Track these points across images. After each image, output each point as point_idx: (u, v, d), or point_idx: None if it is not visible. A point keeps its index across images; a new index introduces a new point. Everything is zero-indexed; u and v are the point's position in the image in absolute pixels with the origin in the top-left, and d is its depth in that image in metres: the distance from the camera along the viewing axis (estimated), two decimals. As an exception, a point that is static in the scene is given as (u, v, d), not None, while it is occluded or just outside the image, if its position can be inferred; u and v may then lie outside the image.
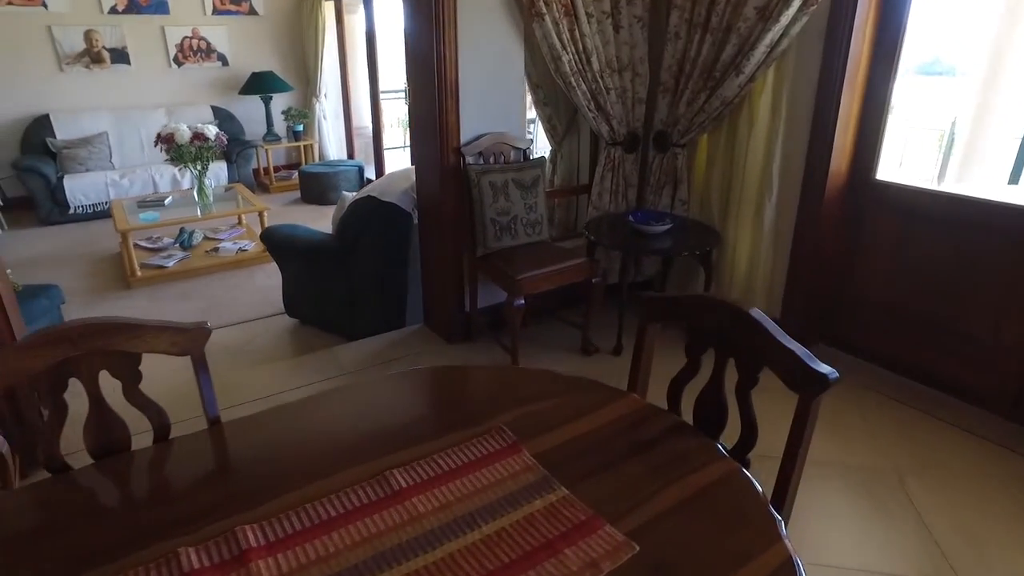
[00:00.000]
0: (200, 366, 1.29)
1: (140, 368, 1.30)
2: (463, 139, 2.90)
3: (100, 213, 5.96)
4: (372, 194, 3.21)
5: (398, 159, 8.41)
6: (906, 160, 4.86)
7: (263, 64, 7.08)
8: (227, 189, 5.60)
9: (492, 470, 1.05)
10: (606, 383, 1.34)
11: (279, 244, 3.56)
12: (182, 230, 4.98)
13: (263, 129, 7.14)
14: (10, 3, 5.92)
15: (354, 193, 3.49)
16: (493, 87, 2.92)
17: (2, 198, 5.99)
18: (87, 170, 6.10)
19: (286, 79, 7.07)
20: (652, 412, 1.24)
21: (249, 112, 7.11)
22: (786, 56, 2.78)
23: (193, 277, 4.58)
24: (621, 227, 3.16)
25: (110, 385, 1.32)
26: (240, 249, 4.88)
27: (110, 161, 6.27)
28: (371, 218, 3.23)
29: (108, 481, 1.18)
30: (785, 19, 2.61)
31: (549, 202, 3.74)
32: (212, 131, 4.59)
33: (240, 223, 5.48)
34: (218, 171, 6.41)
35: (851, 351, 3.09)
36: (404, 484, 1.03)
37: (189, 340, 1.27)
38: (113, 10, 6.33)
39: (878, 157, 2.83)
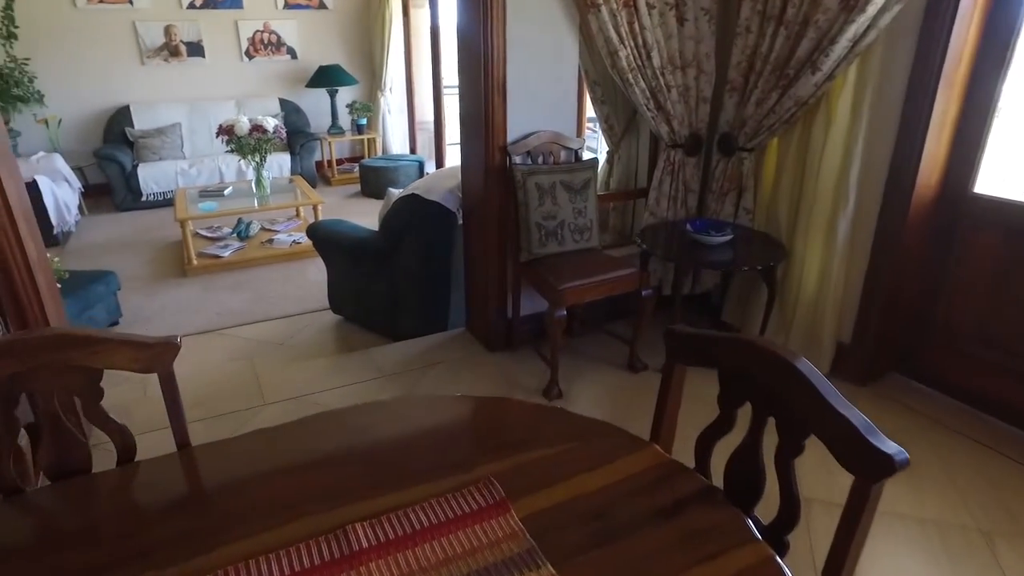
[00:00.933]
0: (168, 384, 1.17)
1: (104, 383, 1.18)
2: (510, 137, 2.74)
3: (170, 200, 6.13)
4: (416, 192, 3.10)
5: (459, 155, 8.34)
6: (1013, 172, 4.36)
7: (330, 58, 7.14)
8: (290, 180, 5.65)
9: (469, 534, 0.89)
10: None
11: (324, 240, 3.50)
12: (239, 220, 5.04)
13: (328, 122, 7.20)
14: (101, 1, 6.18)
15: (400, 190, 3.39)
16: (544, 83, 2.74)
17: (84, 184, 6.27)
18: (160, 159, 6.31)
19: (352, 73, 7.10)
20: (674, 470, 1.05)
21: (315, 105, 7.19)
22: (872, 51, 2.47)
23: (247, 267, 4.62)
24: (678, 236, 2.93)
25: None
26: (294, 242, 4.90)
27: (181, 151, 6.47)
28: (414, 217, 3.12)
29: (61, 505, 1.09)
30: (873, 8, 2.31)
31: (604, 206, 3.54)
32: (271, 123, 4.61)
33: (298, 215, 5.52)
34: (281, 162, 6.50)
35: (932, 383, 2.75)
36: (365, 543, 0.88)
37: (153, 356, 1.15)
38: (191, 5, 6.51)
39: (978, 167, 2.49)
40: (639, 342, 2.90)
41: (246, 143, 4.58)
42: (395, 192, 3.38)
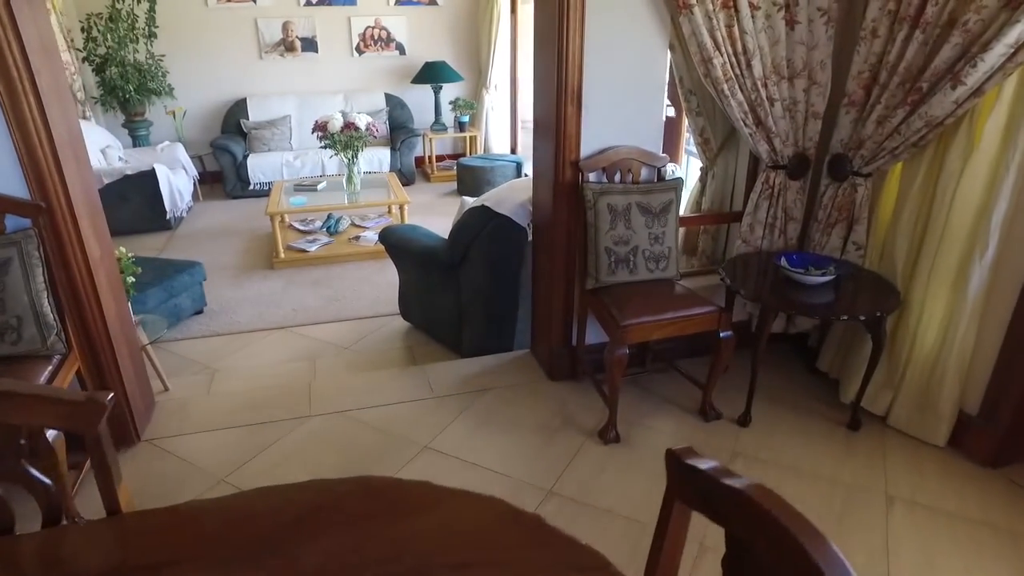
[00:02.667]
0: (94, 447, 1.03)
1: (27, 440, 1.04)
2: (584, 152, 2.49)
3: (289, 182, 6.38)
4: (487, 204, 2.93)
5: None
6: None
7: (437, 54, 7.13)
8: (390, 174, 5.68)
9: None
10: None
11: (395, 246, 3.42)
12: (329, 216, 5.11)
13: (431, 118, 7.21)
14: (229, 1, 6.51)
15: (473, 199, 3.24)
16: (626, 92, 2.47)
17: (202, 171, 6.66)
18: (268, 150, 6.57)
19: (457, 69, 7.06)
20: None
21: (420, 101, 7.22)
22: (1034, 65, 2.00)
23: (331, 263, 4.67)
24: (771, 271, 2.56)
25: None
26: (379, 241, 4.89)
27: (289, 143, 6.71)
28: (483, 230, 2.95)
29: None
30: (1038, 12, 1.85)
31: (693, 229, 3.21)
32: (363, 120, 4.61)
33: (389, 212, 5.54)
34: (381, 157, 6.58)
35: (1086, 477, 2.23)
36: None
37: (77, 415, 1.02)
38: (308, 2, 6.72)
39: None
40: (714, 388, 2.57)
41: (338, 139, 4.60)
42: (468, 201, 3.23)
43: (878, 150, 2.43)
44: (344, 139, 4.60)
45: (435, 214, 5.83)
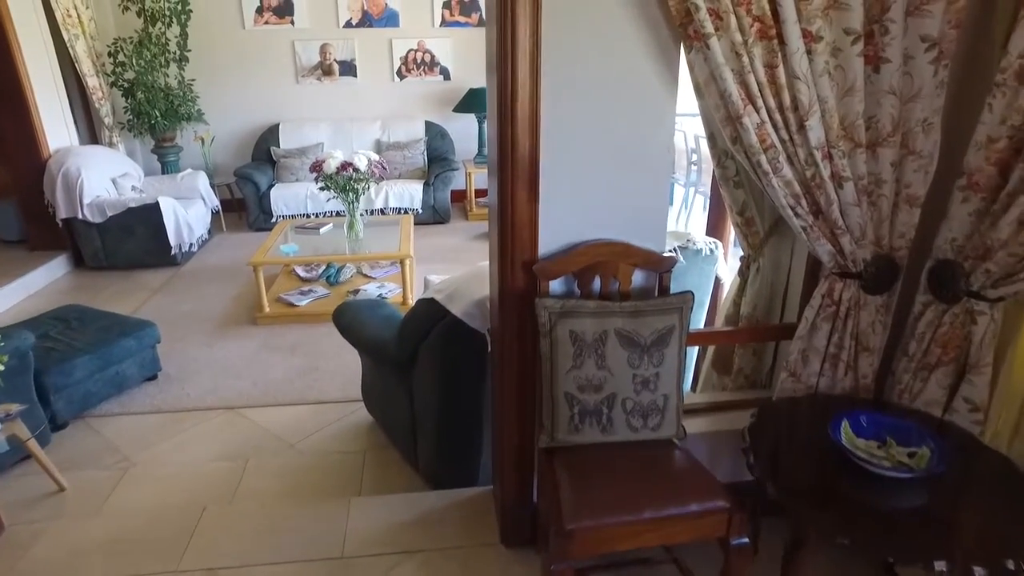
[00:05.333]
0: None
1: None
2: (544, 247, 1.71)
3: (298, 220, 5.91)
4: (437, 297, 2.19)
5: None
6: None
7: (483, 80, 6.47)
8: (405, 216, 5.06)
9: None
10: None
11: (345, 329, 2.73)
12: (330, 263, 4.53)
13: (474, 149, 6.57)
14: (266, 23, 6.16)
15: (436, 276, 2.51)
16: (610, 162, 1.67)
17: (228, 198, 6.31)
18: (296, 180, 6.13)
19: (505, 97, 6.37)
20: None
21: (463, 130, 6.60)
22: None
23: (319, 322, 4.06)
24: (820, 439, 1.67)
25: None
26: (380, 296, 4.26)
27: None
28: (432, 328, 2.22)
29: None
30: None
31: (727, 346, 2.34)
32: (363, 161, 4.00)
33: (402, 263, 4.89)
34: (412, 193, 5.99)
35: None
36: None
37: None
38: (348, 24, 6.27)
39: None
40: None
41: (335, 181, 4.01)
42: (431, 280, 2.51)
43: (1018, 266, 1.51)
44: (342, 181, 4.00)
45: (458, 261, 5.15)
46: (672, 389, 1.70)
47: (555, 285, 1.72)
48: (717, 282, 2.89)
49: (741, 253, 2.28)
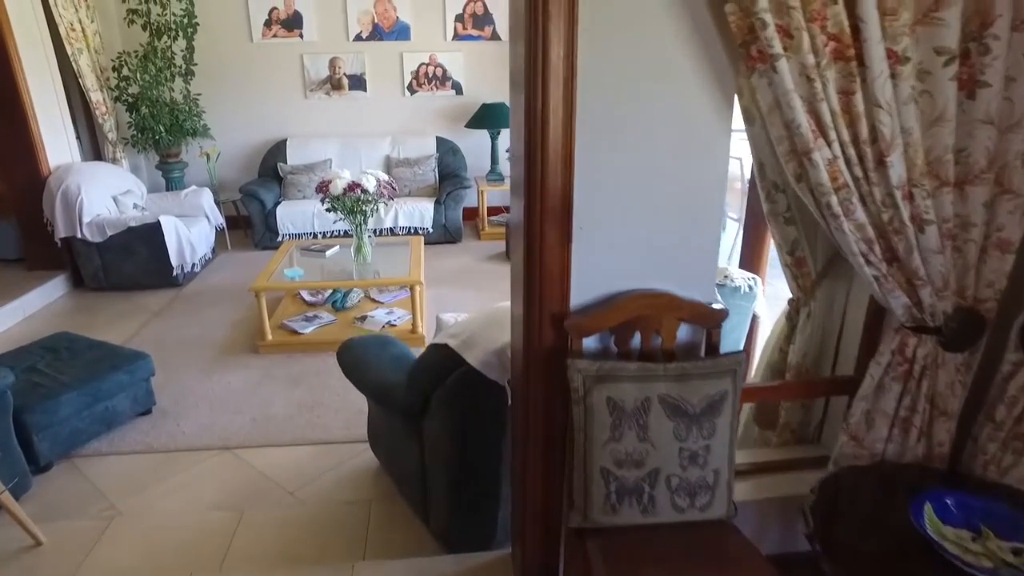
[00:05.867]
0: None
1: None
2: (576, 298, 1.48)
3: (304, 241, 5.73)
4: (451, 343, 1.96)
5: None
6: None
7: (497, 94, 6.30)
8: (416, 238, 4.85)
9: None
10: None
11: (349, 367, 2.52)
12: (336, 288, 4.33)
13: (487, 166, 6.38)
14: (275, 36, 6.02)
15: (450, 315, 2.30)
16: (654, 200, 1.45)
17: (234, 215, 6.14)
18: (303, 197, 5.95)
19: (518, 112, 6.17)
20: None
21: (476, 146, 6.41)
22: None
23: (326, 350, 3.84)
24: (896, 521, 1.43)
25: None
26: (389, 323, 4.04)
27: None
28: (447, 378, 2.00)
29: None
30: None
31: (769, 403, 2.10)
32: (372, 181, 3.80)
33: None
34: (423, 211, 5.79)
35: None
36: None
37: None
38: (358, 37, 6.11)
39: None
40: None
41: (342, 202, 3.82)
42: (443, 319, 2.29)
43: None
44: (349, 202, 3.80)
45: (471, 284, 4.94)
46: (723, 463, 1.47)
47: (589, 340, 1.50)
48: (754, 320, 2.66)
49: (778, 289, 2.05)
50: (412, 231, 5.78)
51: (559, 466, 1.61)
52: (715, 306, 1.52)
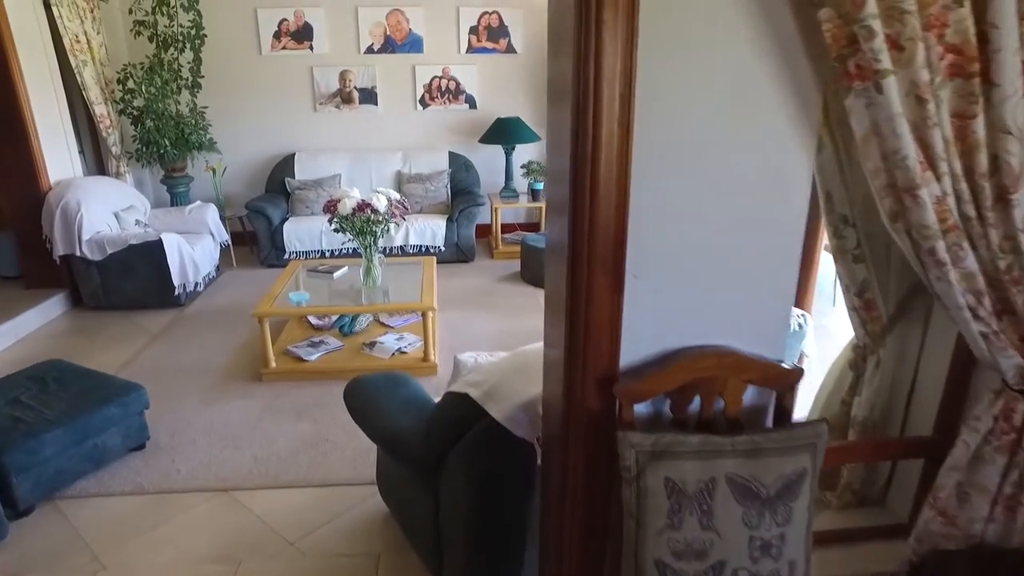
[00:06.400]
0: None
1: None
2: (627, 356, 1.25)
3: (311, 261, 5.53)
4: (472, 393, 1.74)
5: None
6: None
7: (511, 109, 6.12)
8: (428, 259, 4.64)
9: None
10: None
11: (358, 412, 2.29)
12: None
13: (501, 182, 6.18)
14: (284, 48, 5.86)
15: (471, 357, 2.07)
16: (717, 243, 1.22)
17: (240, 231, 5.96)
18: (311, 213, 5.76)
19: (534, 128, 5.99)
20: None
21: (489, 161, 6.22)
22: None
23: (333, 379, 3.62)
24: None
25: None
26: (399, 350, 3.82)
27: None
28: (467, 432, 1.77)
29: None
30: None
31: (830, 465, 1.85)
32: (383, 201, 3.59)
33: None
34: (435, 229, 5.58)
35: None
36: None
37: None
38: (369, 49, 5.94)
39: None
40: None
41: (351, 223, 3.61)
42: (462, 360, 2.07)
43: None
44: (359, 223, 3.59)
45: (484, 309, 4.72)
46: (800, 554, 1.23)
47: (638, 409, 1.27)
48: (800, 358, 2.43)
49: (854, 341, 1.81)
50: (423, 250, 5.57)
51: (599, 554, 1.37)
52: (787, 365, 1.29)
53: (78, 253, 4.54)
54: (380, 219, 3.60)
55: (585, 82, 1.07)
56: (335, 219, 3.66)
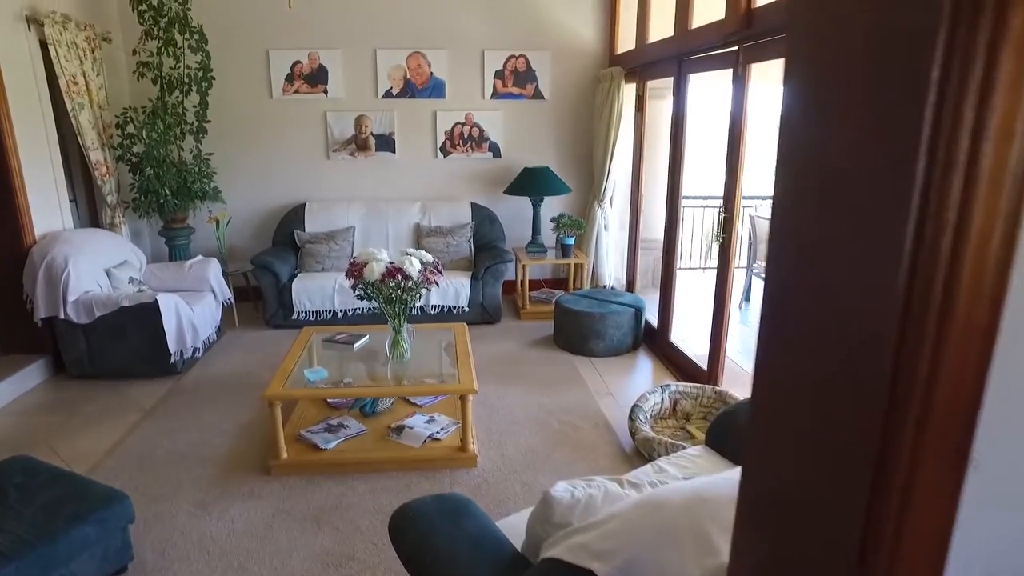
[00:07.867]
0: None
1: None
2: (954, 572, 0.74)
3: (322, 321, 5.02)
4: (599, 570, 1.20)
5: (693, 283, 6.35)
6: None
7: (539, 158, 5.72)
8: (459, 326, 4.12)
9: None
10: None
11: (413, 560, 1.73)
12: (366, 389, 3.57)
13: (528, 236, 5.72)
14: (297, 91, 5.48)
15: (566, 490, 1.54)
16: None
17: (244, 286, 5.45)
18: (323, 269, 5.27)
19: (564, 178, 5.58)
20: None
21: (515, 213, 5.78)
22: None
23: (352, 473, 3.07)
24: None
25: None
26: (431, 436, 3.27)
27: (349, 261, 5.38)
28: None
29: None
30: None
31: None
32: (415, 265, 3.10)
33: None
34: (458, 288, 5.09)
35: None
36: None
37: None
38: (388, 94, 5.56)
39: None
40: None
41: (380, 292, 3.11)
42: (559, 499, 1.53)
43: None
44: (388, 291, 3.09)
45: (518, 377, 4.20)
46: None
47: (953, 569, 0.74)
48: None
49: None
50: (446, 310, 5.07)
51: None
52: None
53: (62, 316, 4.02)
54: (412, 286, 3.10)
55: (937, 124, 0.58)
56: (360, 285, 3.15)
